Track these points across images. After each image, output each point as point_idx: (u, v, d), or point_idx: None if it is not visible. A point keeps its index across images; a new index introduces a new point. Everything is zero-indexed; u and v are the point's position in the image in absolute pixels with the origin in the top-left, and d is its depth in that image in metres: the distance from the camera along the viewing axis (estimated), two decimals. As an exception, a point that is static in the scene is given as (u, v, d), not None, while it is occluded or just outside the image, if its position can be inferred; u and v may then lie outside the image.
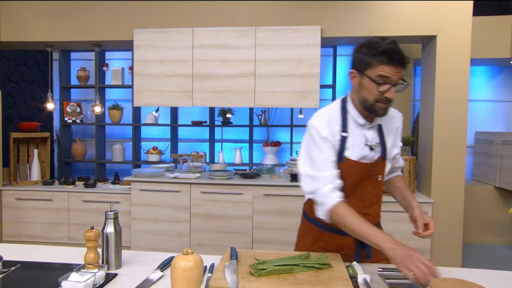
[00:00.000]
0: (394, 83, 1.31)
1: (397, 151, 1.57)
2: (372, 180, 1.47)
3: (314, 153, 1.39)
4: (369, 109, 1.38)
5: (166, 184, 3.35)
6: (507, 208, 4.12)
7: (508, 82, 4.64)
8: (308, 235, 1.60)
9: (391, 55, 1.27)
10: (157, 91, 3.43)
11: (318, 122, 1.41)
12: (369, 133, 1.45)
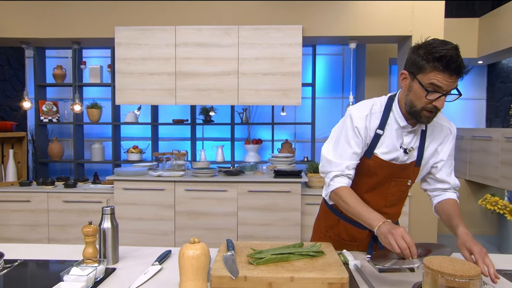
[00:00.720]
0: (445, 93, 1.23)
1: (438, 161, 1.46)
2: (400, 183, 1.45)
3: (341, 140, 1.41)
4: (414, 115, 1.32)
5: (150, 182, 3.34)
6: (476, 199, 4.35)
7: (476, 81, 4.90)
8: (324, 221, 1.64)
9: (448, 63, 1.18)
10: (140, 89, 3.41)
11: (356, 113, 1.40)
12: (408, 136, 1.40)
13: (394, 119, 1.40)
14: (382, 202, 1.46)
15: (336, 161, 1.41)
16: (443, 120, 1.47)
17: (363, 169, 1.44)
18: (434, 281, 0.81)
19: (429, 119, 1.31)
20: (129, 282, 1.22)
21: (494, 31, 4.07)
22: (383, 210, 1.45)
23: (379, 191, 1.43)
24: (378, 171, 1.41)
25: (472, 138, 4.20)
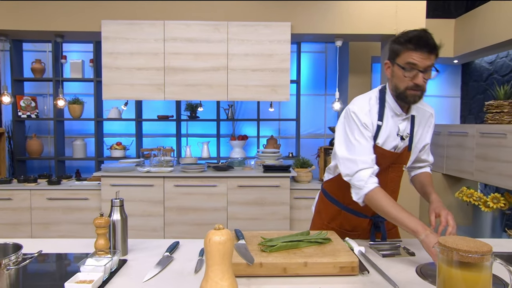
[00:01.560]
0: (422, 70, 1.33)
1: (424, 144, 1.60)
2: (397, 169, 1.55)
3: (355, 137, 1.43)
4: (401, 97, 1.41)
5: (138, 178, 3.32)
6: (452, 192, 4.56)
7: (452, 79, 5.12)
8: (325, 213, 1.70)
9: (418, 42, 1.31)
10: (127, 85, 3.37)
11: (360, 110, 1.45)
12: (403, 123, 1.50)
13: (389, 109, 1.48)
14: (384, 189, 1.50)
15: (359, 159, 1.41)
16: (425, 106, 1.59)
17: None
18: (449, 258, 0.88)
19: (416, 97, 1.39)
20: (143, 272, 1.24)
21: (469, 32, 4.28)
22: None
23: (380, 180, 1.47)
24: (380, 160, 1.47)
25: (448, 134, 4.40)
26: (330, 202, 1.68)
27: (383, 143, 1.48)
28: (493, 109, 3.77)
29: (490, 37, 3.93)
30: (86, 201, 3.40)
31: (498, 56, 4.43)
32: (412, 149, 1.54)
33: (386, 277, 1.19)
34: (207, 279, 0.96)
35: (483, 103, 4.66)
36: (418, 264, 1.31)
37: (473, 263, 0.85)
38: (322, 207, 1.73)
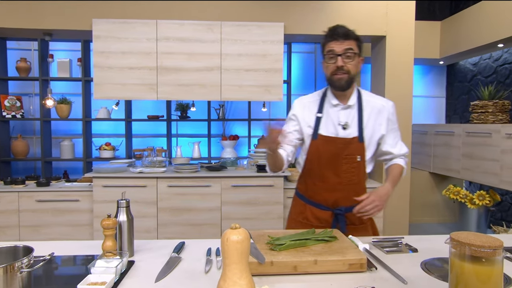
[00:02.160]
0: (340, 53, 1.53)
1: (380, 136, 1.68)
2: (350, 160, 1.62)
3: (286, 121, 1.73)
4: (331, 84, 1.61)
5: (131, 179, 3.28)
6: (439, 190, 4.69)
7: (438, 80, 5.25)
8: (294, 208, 1.81)
9: (332, 32, 1.55)
10: (120, 84, 3.33)
11: (296, 102, 1.72)
12: (343, 113, 1.64)
13: (328, 101, 1.66)
14: (338, 180, 1.63)
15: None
16: (378, 99, 1.71)
17: (314, 150, 1.63)
18: (462, 252, 0.91)
19: (341, 81, 1.58)
20: (152, 273, 1.23)
21: (454, 34, 4.40)
22: (342, 188, 1.64)
23: (333, 169, 1.62)
24: (326, 147, 1.61)
25: (435, 133, 4.51)
26: (298, 197, 1.79)
27: (324, 131, 1.64)
28: (478, 109, 3.88)
29: (474, 40, 4.05)
30: (77, 202, 3.34)
31: (481, 58, 4.57)
32: (365, 141, 1.63)
33: (394, 273, 1.22)
34: (225, 278, 0.96)
35: (467, 103, 4.80)
36: (422, 260, 1.35)
37: (485, 257, 0.88)
38: (293, 203, 1.84)
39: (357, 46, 1.58)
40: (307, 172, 1.70)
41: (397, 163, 1.72)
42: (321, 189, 1.65)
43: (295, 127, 1.68)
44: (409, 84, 3.52)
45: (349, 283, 1.16)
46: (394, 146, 1.71)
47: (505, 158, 3.42)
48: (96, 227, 3.28)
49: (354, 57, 1.56)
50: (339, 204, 1.65)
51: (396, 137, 1.72)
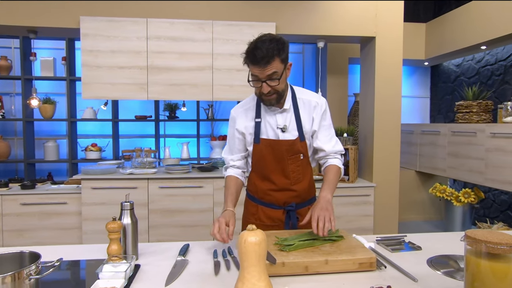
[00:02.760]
0: (263, 80, 1.46)
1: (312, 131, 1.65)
2: (295, 159, 1.63)
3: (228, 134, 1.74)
4: (260, 100, 1.58)
5: (121, 180, 3.21)
6: (425, 188, 4.79)
7: (422, 80, 5.37)
8: (247, 210, 1.82)
9: (251, 57, 1.43)
10: (109, 84, 3.25)
11: (233, 112, 1.72)
12: (280, 116, 1.61)
13: (264, 106, 1.62)
14: (287, 181, 1.63)
15: (224, 157, 1.75)
16: (310, 95, 1.67)
17: (259, 153, 1.63)
18: (478, 250, 0.93)
19: (271, 101, 1.54)
20: (160, 276, 1.20)
21: (439, 36, 4.50)
22: (291, 188, 1.64)
23: (281, 171, 1.62)
24: (270, 150, 1.60)
25: (421, 133, 4.61)
26: (249, 198, 1.80)
27: (266, 135, 1.62)
28: (463, 109, 3.99)
29: (459, 41, 4.16)
30: (64, 205, 3.24)
31: (464, 59, 4.69)
32: (306, 139, 1.63)
33: (403, 271, 1.23)
34: (243, 281, 0.95)
35: (451, 103, 4.92)
36: (427, 258, 1.37)
37: (502, 255, 0.90)
38: (245, 205, 1.84)
39: (282, 63, 1.46)
40: (256, 175, 1.70)
41: (332, 164, 1.66)
42: (271, 190, 1.66)
43: (239, 137, 1.67)
44: (398, 85, 3.58)
45: (361, 282, 1.16)
46: (326, 143, 1.66)
47: (489, 156, 3.53)
48: (85, 230, 3.19)
49: (281, 76, 1.47)
50: (290, 202, 1.66)
51: (329, 135, 1.68)
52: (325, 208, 1.41)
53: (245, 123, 1.65)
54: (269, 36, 1.47)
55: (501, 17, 3.53)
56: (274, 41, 1.44)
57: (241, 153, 1.71)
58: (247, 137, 1.65)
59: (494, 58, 4.22)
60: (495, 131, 3.46)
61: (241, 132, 1.66)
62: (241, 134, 1.66)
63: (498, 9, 3.57)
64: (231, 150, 1.73)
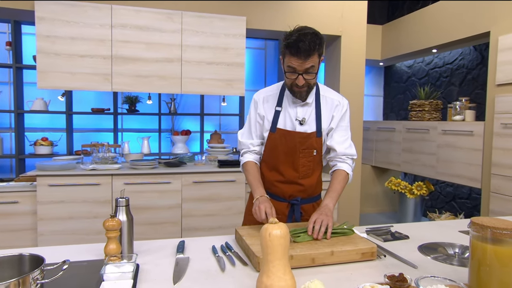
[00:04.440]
0: (301, 72, 1.47)
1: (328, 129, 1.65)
2: (307, 154, 1.63)
3: (249, 117, 1.72)
4: (290, 91, 1.58)
5: (82, 177, 3.00)
6: (380, 182, 5.07)
7: (376, 80, 5.65)
8: (251, 200, 1.76)
9: (295, 48, 1.41)
10: (68, 73, 3.01)
11: (256, 96, 1.70)
12: (301, 109, 1.62)
13: (287, 97, 1.64)
14: (295, 174, 1.64)
15: (243, 141, 1.73)
16: (333, 94, 1.70)
17: (272, 143, 1.65)
18: (484, 235, 1.00)
19: (301, 94, 1.56)
20: (165, 275, 1.15)
21: (394, 38, 4.77)
22: (299, 181, 1.65)
23: (291, 163, 1.62)
24: (284, 141, 1.62)
25: (377, 130, 4.86)
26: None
27: (283, 125, 1.63)
28: (416, 107, 4.27)
29: (412, 44, 4.44)
30: (15, 205, 2.96)
31: (415, 61, 5.02)
32: (322, 136, 1.64)
33: (402, 259, 1.29)
34: (268, 274, 0.93)
35: (403, 102, 5.25)
36: (417, 245, 1.45)
37: (506, 240, 0.98)
38: (251, 196, 1.81)
39: (319, 58, 1.49)
40: (265, 165, 1.70)
41: (341, 169, 1.64)
42: (278, 182, 1.67)
43: (260, 121, 1.68)
44: (361, 83, 3.73)
45: (367, 271, 1.20)
46: (340, 144, 1.65)
47: (440, 152, 3.82)
48: (41, 231, 2.94)
49: (317, 70, 1.51)
50: (295, 196, 1.67)
51: (344, 136, 1.67)
52: (324, 214, 1.43)
53: (266, 109, 1.66)
54: (310, 30, 1.45)
55: (451, 23, 3.82)
56: (315, 35, 1.44)
57: (260, 139, 1.71)
58: (265, 123, 1.66)
59: (442, 61, 4.56)
60: (446, 128, 3.74)
61: (262, 116, 1.66)
62: (261, 118, 1.66)
63: (449, 16, 3.86)
64: (251, 134, 1.70)
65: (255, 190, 1.60)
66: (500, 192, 3.14)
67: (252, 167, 1.68)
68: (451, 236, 1.59)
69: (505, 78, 3.11)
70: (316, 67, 1.49)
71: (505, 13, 3.21)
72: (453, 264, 1.29)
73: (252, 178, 1.64)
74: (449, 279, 0.99)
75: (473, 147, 3.42)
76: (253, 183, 1.63)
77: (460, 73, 4.28)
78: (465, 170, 3.51)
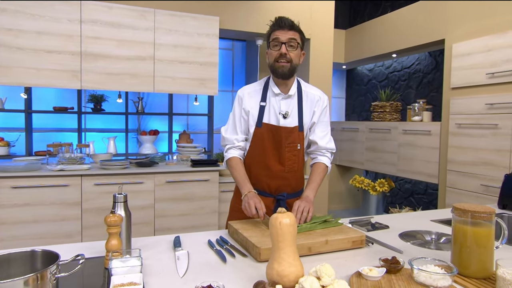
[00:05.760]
0: (284, 41, 1.59)
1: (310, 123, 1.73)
2: (292, 148, 1.70)
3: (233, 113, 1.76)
4: (273, 71, 1.64)
5: (49, 178, 2.86)
6: (344, 180, 5.28)
7: (338, 83, 5.89)
8: (236, 197, 1.85)
9: (279, 22, 1.61)
10: (33, 69, 2.87)
11: (241, 93, 1.75)
12: (283, 102, 1.69)
13: (270, 90, 1.71)
14: (282, 167, 1.70)
15: (227, 137, 1.75)
16: (314, 90, 1.78)
17: (259, 137, 1.71)
18: (465, 218, 1.11)
19: (283, 68, 1.62)
20: (169, 268, 1.16)
21: (357, 43, 5.01)
22: (284, 175, 1.73)
23: (278, 157, 1.69)
24: (270, 136, 1.69)
25: (342, 130, 5.07)
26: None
27: (268, 120, 1.70)
28: (378, 108, 4.51)
29: (374, 49, 4.69)
30: (-27, 208, 2.77)
31: (376, 65, 5.30)
32: (304, 130, 1.72)
33: (388, 245, 1.39)
34: (279, 261, 0.98)
35: (364, 103, 5.52)
36: (397, 233, 1.57)
37: (484, 222, 1.10)
38: (236, 192, 1.89)
39: (300, 39, 1.64)
40: (251, 160, 1.74)
41: (321, 162, 1.75)
42: (264, 176, 1.72)
43: (245, 117, 1.72)
44: (328, 85, 3.89)
45: (359, 258, 1.29)
46: (321, 138, 1.74)
47: (401, 150, 4.07)
48: (2, 236, 2.77)
49: (297, 48, 1.62)
50: (281, 190, 1.74)
51: (325, 131, 1.77)
52: (305, 201, 1.54)
53: (251, 104, 1.71)
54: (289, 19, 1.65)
55: (410, 31, 4.10)
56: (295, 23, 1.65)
57: (245, 134, 1.75)
58: (250, 118, 1.70)
59: (400, 65, 4.86)
60: (406, 128, 4.00)
61: (247, 111, 1.71)
62: (246, 114, 1.71)
63: (408, 24, 4.13)
64: (236, 130, 1.74)
65: (242, 186, 1.63)
66: (454, 187, 3.41)
67: (238, 163, 1.71)
68: (424, 225, 1.73)
69: (459, 82, 3.40)
70: (296, 43, 1.61)
71: (458, 23, 3.51)
72: (431, 248, 1.41)
73: (238, 174, 1.68)
74: (437, 259, 1.09)
75: (431, 146, 3.69)
76: (240, 179, 1.66)
77: (417, 77, 4.59)
78: (424, 167, 3.78)
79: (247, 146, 1.76)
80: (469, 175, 3.27)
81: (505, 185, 2.05)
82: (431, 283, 1.01)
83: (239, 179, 1.66)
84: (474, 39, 3.26)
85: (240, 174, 1.67)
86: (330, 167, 1.79)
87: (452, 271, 1.03)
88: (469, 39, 3.33)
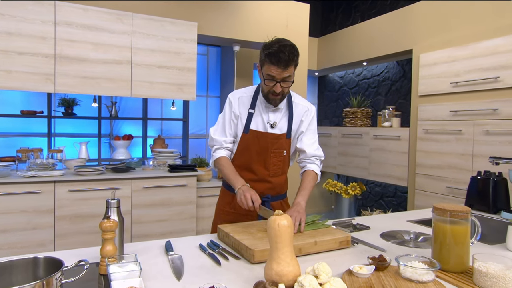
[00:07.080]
0: (279, 81, 1.58)
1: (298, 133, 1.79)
2: (278, 154, 1.75)
3: (223, 115, 1.79)
4: (265, 98, 1.70)
5: (20, 185, 2.75)
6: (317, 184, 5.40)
7: (312, 88, 6.04)
8: (222, 200, 1.89)
9: (275, 58, 1.53)
10: (3, 71, 2.75)
11: (232, 97, 1.78)
12: (273, 114, 1.74)
13: (261, 101, 1.75)
14: (266, 172, 1.76)
15: (216, 138, 1.78)
16: (303, 101, 1.85)
17: (245, 143, 1.77)
18: (444, 216, 1.20)
19: (276, 101, 1.68)
20: (165, 272, 1.17)
21: (329, 50, 5.17)
22: (269, 179, 1.79)
23: (263, 162, 1.74)
24: (256, 141, 1.73)
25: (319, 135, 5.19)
26: (226, 188, 1.88)
27: (255, 127, 1.74)
28: (350, 114, 4.68)
29: (346, 57, 4.87)
30: None
31: (346, 73, 5.49)
32: (291, 137, 1.78)
33: (372, 245, 1.47)
34: (278, 261, 1.02)
35: (335, 109, 5.69)
36: (379, 233, 1.65)
37: (461, 221, 1.20)
38: (221, 195, 1.92)
39: (294, 68, 1.61)
40: (237, 164, 1.77)
41: (311, 169, 1.79)
42: (250, 180, 1.74)
43: (234, 120, 1.76)
44: (303, 91, 3.99)
45: (346, 257, 1.35)
46: (309, 146, 1.79)
47: (372, 155, 4.23)
48: (-31, 246, 2.63)
49: (292, 79, 1.62)
50: (266, 193, 1.78)
51: (312, 139, 1.82)
52: (297, 211, 1.55)
53: (240, 109, 1.75)
54: (288, 42, 1.58)
55: (380, 40, 4.30)
56: (293, 47, 1.57)
57: (233, 137, 1.78)
58: (239, 123, 1.74)
59: (370, 73, 5.07)
60: (377, 134, 4.17)
61: (237, 115, 1.74)
62: (236, 118, 1.75)
63: (378, 34, 4.33)
64: (225, 132, 1.77)
65: (235, 181, 1.65)
66: (423, 189, 3.60)
67: (227, 161, 1.75)
68: (402, 225, 1.83)
69: (426, 90, 3.60)
70: (292, 77, 1.62)
71: (425, 35, 3.72)
72: (411, 246, 1.50)
73: (229, 171, 1.70)
74: (421, 256, 1.17)
75: (400, 150, 3.87)
76: (231, 175, 1.68)
77: (386, 84, 4.80)
78: (394, 170, 3.95)
79: (234, 148, 1.80)
80: (436, 178, 3.46)
81: (471, 186, 2.20)
82: (416, 278, 1.08)
83: (230, 175, 1.68)
84: (439, 50, 3.47)
85: (230, 171, 1.70)
86: (319, 175, 1.83)
87: (435, 266, 1.11)
88: (435, 50, 3.54)
